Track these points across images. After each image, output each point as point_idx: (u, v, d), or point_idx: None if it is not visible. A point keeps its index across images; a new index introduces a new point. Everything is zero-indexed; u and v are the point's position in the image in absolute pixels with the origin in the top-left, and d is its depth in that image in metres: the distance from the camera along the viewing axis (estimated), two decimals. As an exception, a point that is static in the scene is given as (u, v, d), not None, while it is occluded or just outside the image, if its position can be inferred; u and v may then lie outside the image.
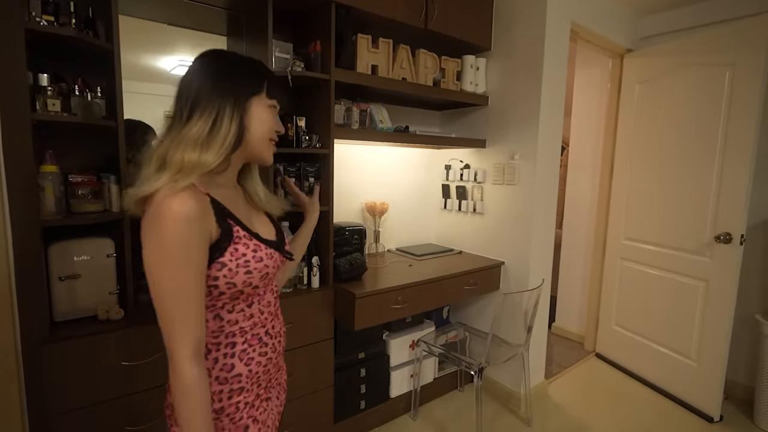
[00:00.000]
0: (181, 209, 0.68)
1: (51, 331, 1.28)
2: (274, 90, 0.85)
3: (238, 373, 0.81)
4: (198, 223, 0.71)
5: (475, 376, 1.88)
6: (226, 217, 0.78)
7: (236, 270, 0.76)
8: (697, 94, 2.26)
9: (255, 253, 0.79)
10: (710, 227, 2.19)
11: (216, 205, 0.77)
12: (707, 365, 2.22)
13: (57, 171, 1.26)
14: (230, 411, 0.80)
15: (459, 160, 2.55)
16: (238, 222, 0.80)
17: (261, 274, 0.80)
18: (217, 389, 0.79)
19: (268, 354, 0.86)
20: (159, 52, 1.80)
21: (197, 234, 0.71)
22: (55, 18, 1.31)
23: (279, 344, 0.91)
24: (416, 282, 1.89)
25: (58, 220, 1.26)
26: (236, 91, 0.79)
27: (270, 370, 0.88)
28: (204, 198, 0.74)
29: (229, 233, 0.77)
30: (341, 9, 1.72)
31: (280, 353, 0.92)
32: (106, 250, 1.40)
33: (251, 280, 0.79)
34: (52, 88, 1.26)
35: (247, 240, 0.79)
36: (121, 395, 1.33)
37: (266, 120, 0.83)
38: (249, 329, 0.83)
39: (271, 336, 0.88)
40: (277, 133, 0.87)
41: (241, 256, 0.77)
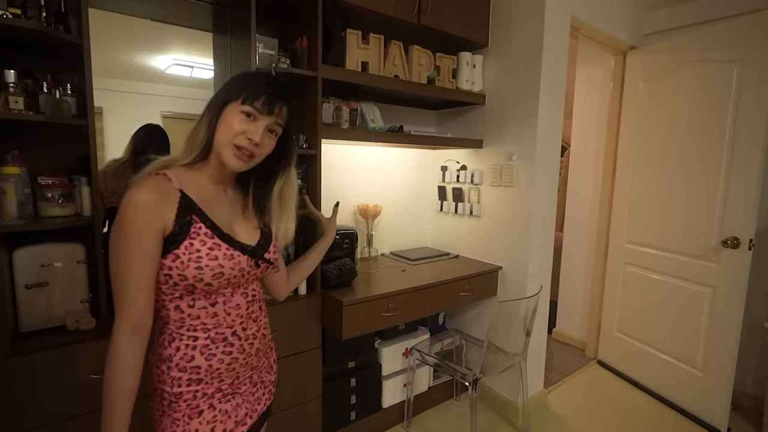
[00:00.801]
0: (135, 197, 0.77)
1: (16, 343, 1.21)
2: (256, 96, 0.84)
3: (197, 365, 0.85)
4: (151, 212, 0.77)
5: (470, 388, 1.79)
6: (192, 213, 0.83)
7: (187, 263, 0.80)
8: (704, 92, 2.17)
9: (211, 251, 0.83)
10: (717, 231, 2.10)
11: (185, 201, 0.82)
12: (714, 375, 2.12)
13: (20, 173, 1.18)
14: (187, 397, 0.85)
15: (455, 161, 2.46)
16: (204, 220, 0.84)
17: (214, 272, 0.82)
18: (176, 375, 0.85)
19: (234, 354, 0.89)
20: (153, 51, 1.75)
21: (148, 221, 0.77)
22: (22, 11, 1.25)
23: (251, 346, 0.93)
24: (408, 288, 1.81)
25: (22, 224, 1.18)
26: (217, 100, 0.87)
27: (236, 369, 0.91)
28: (172, 192, 0.81)
29: (187, 228, 0.81)
30: (328, 2, 1.64)
31: (252, 355, 0.94)
32: (76, 256, 1.33)
33: (202, 276, 0.81)
34: (15, 84, 1.18)
35: (207, 238, 0.83)
36: (90, 410, 1.25)
37: (231, 125, 0.84)
38: (212, 327, 0.86)
39: (240, 338, 0.90)
40: (250, 141, 0.85)
41: (194, 251, 0.81)
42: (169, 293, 0.83)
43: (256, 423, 0.99)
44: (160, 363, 0.86)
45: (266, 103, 0.85)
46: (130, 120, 1.69)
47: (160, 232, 0.79)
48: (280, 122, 0.89)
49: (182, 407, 0.85)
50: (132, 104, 1.72)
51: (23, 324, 1.26)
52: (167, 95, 1.77)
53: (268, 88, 0.86)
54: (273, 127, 0.88)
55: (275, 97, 0.86)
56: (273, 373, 1.07)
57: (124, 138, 1.68)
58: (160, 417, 0.88)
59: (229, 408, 0.90)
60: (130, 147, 1.64)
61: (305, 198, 1.36)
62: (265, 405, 1.03)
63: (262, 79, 0.88)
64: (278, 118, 0.88)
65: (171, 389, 0.85)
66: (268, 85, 0.87)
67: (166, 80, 1.78)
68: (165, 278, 0.81)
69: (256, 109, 0.84)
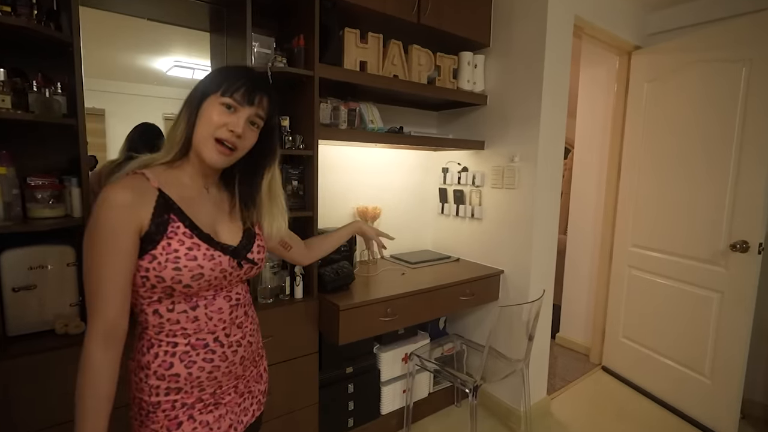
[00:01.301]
0: (110, 196, 0.74)
1: (2, 348, 1.18)
2: (235, 88, 0.81)
3: (176, 373, 0.81)
4: (126, 210, 0.74)
5: (470, 395, 1.75)
6: (170, 213, 0.79)
7: (165, 264, 0.77)
8: (711, 92, 2.12)
9: (189, 251, 0.79)
10: (725, 235, 2.04)
11: (162, 200, 0.79)
12: (722, 382, 2.06)
13: (7, 173, 1.16)
14: (166, 407, 0.82)
15: (457, 162, 2.42)
16: (183, 219, 0.81)
17: (192, 273, 0.79)
18: (154, 383, 0.81)
19: (216, 362, 0.85)
20: (154, 52, 1.74)
21: (124, 220, 0.74)
22: (12, 9, 1.22)
23: (234, 354, 0.88)
24: (408, 293, 1.77)
25: (8, 226, 1.15)
26: (196, 94, 0.84)
27: (218, 378, 0.87)
28: (150, 190, 0.78)
29: (164, 227, 0.78)
30: (326, 1, 1.61)
31: (236, 363, 0.89)
32: (66, 259, 1.30)
33: (180, 277, 0.78)
34: (3, 83, 1.16)
35: (185, 237, 0.80)
36: (78, 418, 1.22)
37: (210, 118, 0.81)
38: (192, 333, 0.83)
39: (223, 344, 0.86)
40: (232, 133, 0.82)
41: (172, 251, 0.78)
42: (147, 296, 0.79)
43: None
44: (138, 370, 0.83)
45: (246, 94, 0.82)
46: (132, 122, 1.67)
47: (136, 231, 0.75)
48: (261, 114, 0.86)
49: (160, 418, 0.81)
50: (134, 106, 1.70)
51: (10, 328, 1.23)
52: (169, 97, 1.75)
53: (247, 79, 0.83)
54: (254, 119, 0.85)
55: (255, 88, 0.83)
56: (263, 382, 1.03)
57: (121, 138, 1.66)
58: (139, 427, 0.84)
59: (210, 419, 0.85)
60: (124, 147, 1.62)
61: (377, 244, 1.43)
62: (254, 416, 0.98)
63: (240, 71, 0.86)
64: (259, 109, 0.85)
65: (149, 398, 0.81)
66: (247, 76, 0.84)
67: (168, 82, 1.77)
68: (142, 280, 0.77)
69: (236, 100, 0.81)
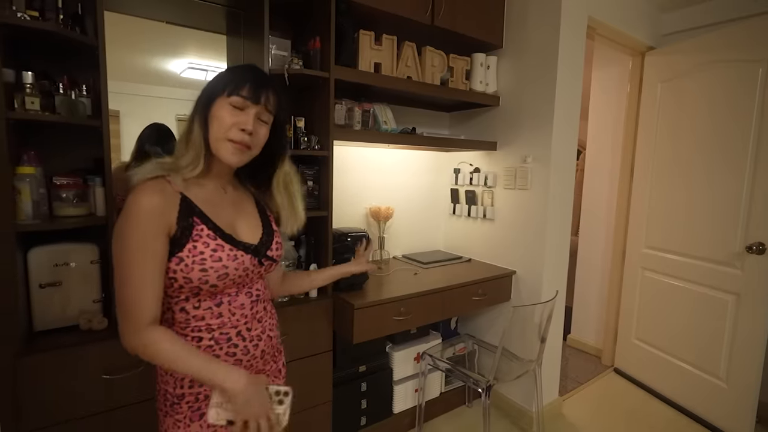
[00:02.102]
0: (140, 201, 0.76)
1: (30, 342, 1.22)
2: (241, 87, 0.83)
3: None
4: (157, 215, 0.77)
5: (483, 395, 1.75)
6: (193, 216, 0.82)
7: (192, 266, 0.79)
8: (726, 92, 2.10)
9: (214, 253, 0.82)
10: (741, 236, 2.02)
11: (185, 204, 0.82)
12: (738, 386, 2.04)
13: (35, 173, 1.19)
14: (189, 399, 0.85)
15: (468, 163, 2.43)
16: (206, 221, 0.83)
17: (218, 273, 0.82)
18: (179, 376, 0.84)
19: (238, 355, 0.88)
20: (168, 54, 1.77)
21: (153, 225, 0.76)
22: (40, 13, 1.26)
23: (255, 348, 0.91)
24: (421, 292, 1.78)
25: (35, 224, 1.19)
26: (203, 97, 0.85)
27: None
28: (173, 194, 0.81)
29: (189, 231, 0.81)
30: (341, 3, 1.63)
31: (256, 357, 0.92)
32: (90, 257, 1.34)
33: (207, 277, 0.81)
34: (32, 85, 1.20)
35: (210, 239, 0.82)
36: (101, 411, 1.25)
37: (222, 119, 0.82)
38: (216, 327, 0.85)
39: (244, 338, 0.89)
40: (242, 131, 0.83)
41: (198, 253, 0.80)
42: (175, 296, 0.83)
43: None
44: None
45: (252, 91, 0.83)
46: (146, 123, 1.71)
47: (166, 234, 0.78)
48: (270, 109, 0.87)
49: (184, 409, 0.85)
50: (148, 107, 1.74)
51: (37, 323, 1.27)
52: (182, 98, 1.78)
53: (251, 77, 0.85)
54: (263, 116, 0.86)
55: (260, 85, 0.84)
56: (281, 377, 1.05)
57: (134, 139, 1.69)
58: (164, 417, 0.88)
59: None
60: (136, 148, 1.64)
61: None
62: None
63: (244, 71, 0.87)
64: (266, 106, 0.86)
65: (174, 390, 0.85)
66: (252, 74, 0.86)
67: (181, 84, 1.79)
68: (170, 281, 0.80)
69: (243, 98, 0.83)
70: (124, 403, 1.29)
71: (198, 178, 0.86)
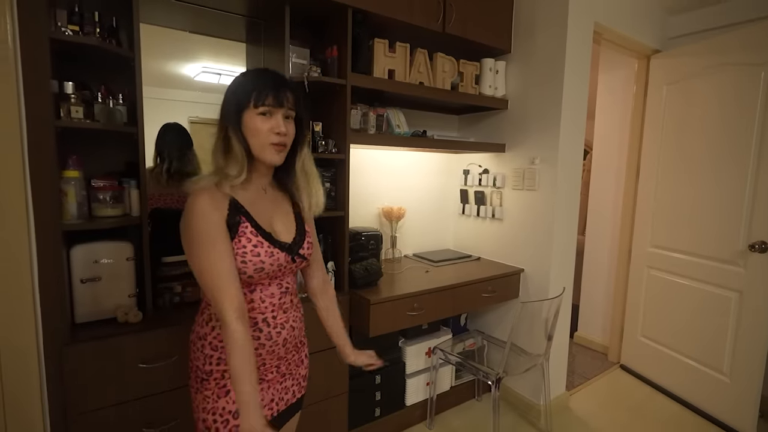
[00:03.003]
0: (199, 203, 0.88)
1: (72, 333, 1.31)
2: (264, 96, 0.91)
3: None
4: (215, 213, 0.89)
5: (493, 387, 1.83)
6: (240, 214, 0.94)
7: (235, 257, 0.91)
8: (730, 94, 2.16)
9: (255, 248, 0.94)
10: (744, 235, 2.08)
11: (234, 204, 0.93)
12: (741, 381, 2.10)
13: (79, 176, 1.29)
14: (217, 376, 0.95)
15: (478, 164, 2.51)
16: (250, 220, 0.95)
17: (255, 267, 0.93)
18: (209, 353, 0.96)
19: (261, 339, 0.97)
20: (183, 59, 1.84)
21: (216, 221, 0.89)
22: (80, 27, 1.36)
23: (278, 335, 1.00)
24: (433, 289, 1.86)
25: (80, 224, 1.29)
26: (231, 112, 0.93)
27: (263, 355, 0.99)
28: (223, 197, 0.92)
29: (236, 227, 0.93)
30: (358, 14, 1.71)
31: (278, 344, 1.01)
32: (125, 254, 1.43)
33: (245, 269, 0.92)
34: (76, 95, 1.29)
35: (252, 236, 0.94)
36: (139, 397, 1.35)
37: (258, 129, 0.92)
38: (247, 311, 0.94)
39: (269, 325, 0.99)
40: (278, 134, 0.93)
41: (241, 247, 0.92)
42: None
43: (284, 412, 1.06)
44: (197, 340, 0.97)
45: (274, 98, 0.92)
46: (159, 125, 1.77)
47: (224, 228, 0.91)
48: (291, 107, 0.95)
49: (212, 385, 0.95)
50: (161, 110, 1.79)
51: (78, 315, 1.36)
52: (195, 101, 1.86)
53: (270, 83, 0.92)
54: (287, 114, 0.95)
55: (279, 89, 0.92)
56: (304, 367, 1.14)
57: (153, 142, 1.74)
58: (195, 394, 0.98)
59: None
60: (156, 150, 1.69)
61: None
62: (295, 397, 1.10)
63: (261, 79, 0.94)
64: (288, 105, 0.94)
65: (203, 366, 0.96)
66: (270, 81, 0.93)
67: (195, 87, 1.86)
68: None
69: (269, 106, 0.91)
70: (158, 390, 1.38)
71: (243, 182, 0.95)
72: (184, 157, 1.75)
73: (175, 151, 1.74)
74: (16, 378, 1.18)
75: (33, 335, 1.19)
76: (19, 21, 1.12)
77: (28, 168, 1.15)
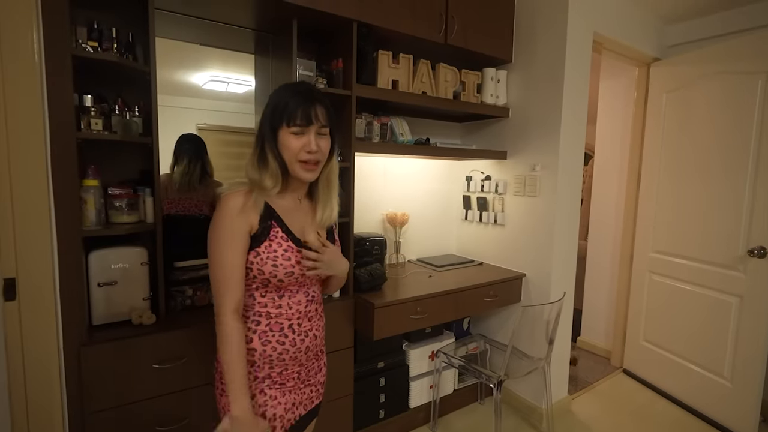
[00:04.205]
0: (227, 205, 0.96)
1: (89, 334, 1.37)
2: (297, 115, 0.96)
3: (253, 348, 0.99)
4: (239, 215, 0.95)
5: (495, 389, 1.87)
6: (272, 219, 0.99)
7: (266, 260, 0.97)
8: (728, 102, 2.20)
9: (285, 253, 0.99)
10: (743, 241, 2.11)
11: (267, 209, 0.99)
12: (742, 385, 2.12)
13: (98, 185, 1.36)
14: None
15: (480, 171, 2.56)
16: (282, 226, 1.01)
17: (286, 270, 0.98)
18: None
19: (286, 345, 1.01)
20: (192, 68, 1.90)
21: (238, 224, 0.95)
22: (98, 43, 1.43)
23: (302, 342, 1.04)
24: (436, 293, 1.91)
25: (98, 230, 1.35)
26: (267, 129, 0.99)
27: (286, 361, 1.02)
28: (253, 204, 0.97)
29: (267, 231, 0.98)
30: (362, 27, 1.78)
31: (301, 351, 1.05)
32: (140, 259, 1.49)
33: (276, 272, 0.98)
34: (95, 108, 1.36)
35: (283, 241, 0.99)
36: (152, 396, 1.40)
37: (290, 147, 0.98)
38: (274, 316, 1.01)
39: (295, 332, 1.03)
40: (308, 153, 0.98)
41: (272, 251, 0.98)
42: (248, 284, 1.00)
43: (304, 417, 1.10)
44: None
45: (305, 117, 0.96)
46: (168, 132, 1.80)
47: (247, 231, 0.96)
48: (323, 122, 0.99)
49: None
50: (170, 117, 1.84)
51: (95, 317, 1.42)
52: (203, 108, 1.91)
53: (302, 102, 0.96)
54: (320, 130, 1.00)
55: (309, 107, 0.97)
56: (322, 375, 1.18)
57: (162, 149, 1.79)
58: (219, 396, 1.02)
59: (278, 395, 1.02)
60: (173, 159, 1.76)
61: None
62: (313, 403, 1.14)
63: (294, 97, 0.98)
64: (320, 121, 0.99)
65: None
66: (301, 100, 0.97)
67: (203, 95, 1.92)
68: (247, 271, 0.98)
69: (301, 125, 0.97)
70: (171, 390, 1.43)
71: (280, 192, 1.02)
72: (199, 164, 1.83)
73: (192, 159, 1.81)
74: (39, 376, 1.25)
75: (54, 336, 1.25)
76: (45, 38, 1.20)
77: (50, 177, 1.22)
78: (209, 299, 1.67)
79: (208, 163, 1.85)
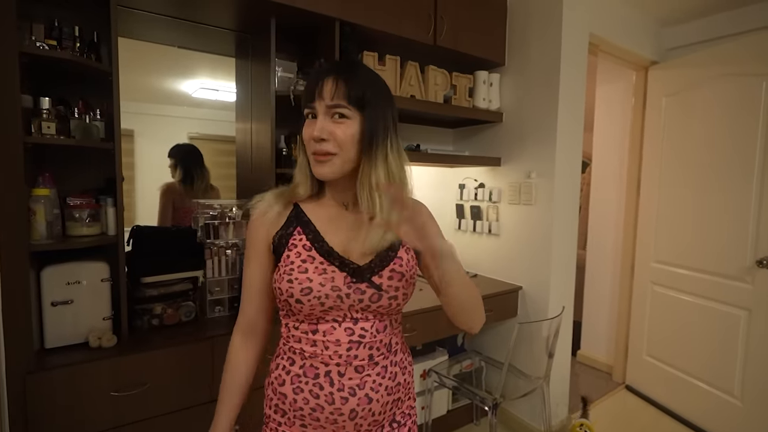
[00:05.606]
0: (250, 219, 0.84)
1: (40, 359, 1.24)
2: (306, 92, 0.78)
3: (284, 393, 0.78)
4: (260, 223, 0.82)
5: (490, 413, 1.73)
6: (296, 225, 0.80)
7: (282, 276, 0.76)
8: (731, 105, 2.10)
9: (303, 263, 0.75)
10: (751, 250, 2.00)
11: (295, 213, 0.81)
12: (753, 403, 1.99)
13: (50, 194, 1.24)
14: (272, 425, 0.80)
15: (473, 178, 2.45)
16: (308, 232, 0.79)
17: (302, 286, 0.73)
18: (269, 395, 0.82)
19: (320, 400, 0.74)
20: (181, 75, 1.85)
21: (258, 231, 0.82)
22: (58, 42, 1.33)
23: (344, 402, 0.73)
24: (426, 308, 1.78)
25: (49, 244, 1.23)
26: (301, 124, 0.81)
27: (320, 420, 0.74)
28: (279, 212, 0.81)
29: (286, 240, 0.79)
30: (345, 27, 1.68)
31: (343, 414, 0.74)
32: (100, 275, 1.37)
33: (292, 290, 0.74)
34: (48, 111, 1.25)
35: (303, 250, 0.77)
36: (108, 428, 1.26)
37: (303, 136, 0.78)
38: (308, 357, 0.76)
39: (332, 383, 0.74)
40: (314, 143, 0.74)
41: (289, 263, 0.76)
42: (280, 308, 0.82)
43: None
44: (269, 373, 0.84)
45: (309, 95, 0.75)
46: (159, 141, 1.77)
47: (267, 241, 0.82)
48: (339, 97, 0.72)
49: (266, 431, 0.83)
50: (161, 126, 1.80)
51: (48, 340, 1.29)
52: (194, 117, 1.86)
53: (312, 77, 0.77)
54: (333, 110, 0.73)
55: (315, 81, 0.74)
56: None
57: (154, 158, 1.77)
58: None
59: None
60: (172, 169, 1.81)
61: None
62: None
63: (311, 75, 0.80)
64: (329, 96, 0.73)
65: (265, 408, 0.84)
66: (313, 75, 0.77)
67: (194, 103, 1.86)
68: (274, 291, 0.79)
69: (307, 107, 0.76)
70: (130, 420, 1.30)
71: (318, 197, 0.84)
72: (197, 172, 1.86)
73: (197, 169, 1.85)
74: (-25, 409, 1.11)
75: (-6, 363, 1.12)
76: (-15, 34, 1.09)
77: (-7, 186, 1.10)
78: (180, 317, 1.55)
79: (207, 172, 1.87)
